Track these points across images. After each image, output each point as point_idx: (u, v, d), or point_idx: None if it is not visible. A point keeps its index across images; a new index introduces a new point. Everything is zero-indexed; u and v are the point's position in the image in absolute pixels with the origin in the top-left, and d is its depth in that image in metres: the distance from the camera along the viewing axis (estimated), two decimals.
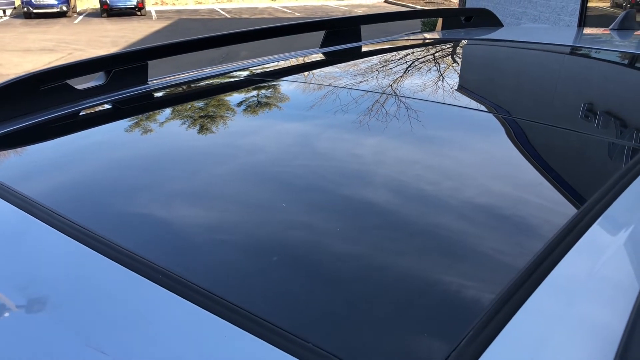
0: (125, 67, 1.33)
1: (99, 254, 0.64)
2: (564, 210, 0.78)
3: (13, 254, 0.68)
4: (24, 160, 1.00)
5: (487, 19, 2.47)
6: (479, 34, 2.23)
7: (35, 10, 20.55)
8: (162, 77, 1.49)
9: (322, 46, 1.90)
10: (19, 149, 1.06)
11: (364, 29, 1.99)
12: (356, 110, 1.13)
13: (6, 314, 0.57)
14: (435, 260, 0.64)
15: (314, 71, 1.60)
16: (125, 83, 1.34)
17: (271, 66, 1.68)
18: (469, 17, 2.46)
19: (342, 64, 1.67)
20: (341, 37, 1.93)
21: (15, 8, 22.81)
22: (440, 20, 2.45)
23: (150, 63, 1.41)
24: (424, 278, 0.61)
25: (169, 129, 1.12)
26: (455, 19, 2.42)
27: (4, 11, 22.33)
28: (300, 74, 1.57)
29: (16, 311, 0.57)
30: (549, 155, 0.96)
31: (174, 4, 25.69)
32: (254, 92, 1.37)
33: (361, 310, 0.55)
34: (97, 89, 1.29)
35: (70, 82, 1.24)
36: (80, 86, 1.27)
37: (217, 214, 0.76)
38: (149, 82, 1.40)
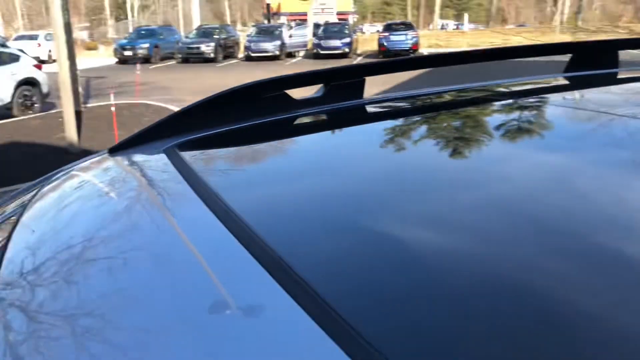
0: (343, 81, 1.37)
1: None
2: None
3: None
4: (239, 156, 1.10)
5: None
6: None
7: (322, 52, 23.23)
8: (381, 94, 1.50)
9: (566, 71, 1.69)
10: (234, 149, 1.17)
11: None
12: None
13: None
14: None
15: (563, 96, 1.42)
16: (341, 97, 1.37)
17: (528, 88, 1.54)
18: None
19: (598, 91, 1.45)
20: (591, 62, 1.69)
21: (307, 50, 26.01)
22: None
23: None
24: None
25: (399, 143, 1.09)
26: None
27: (297, 52, 25.63)
28: (553, 101, 1.39)
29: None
30: None
31: (446, 46, 26.29)
32: (514, 115, 1.25)
33: None
34: (314, 100, 1.35)
35: (289, 92, 1.32)
36: (298, 97, 1.34)
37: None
38: (364, 98, 1.42)
